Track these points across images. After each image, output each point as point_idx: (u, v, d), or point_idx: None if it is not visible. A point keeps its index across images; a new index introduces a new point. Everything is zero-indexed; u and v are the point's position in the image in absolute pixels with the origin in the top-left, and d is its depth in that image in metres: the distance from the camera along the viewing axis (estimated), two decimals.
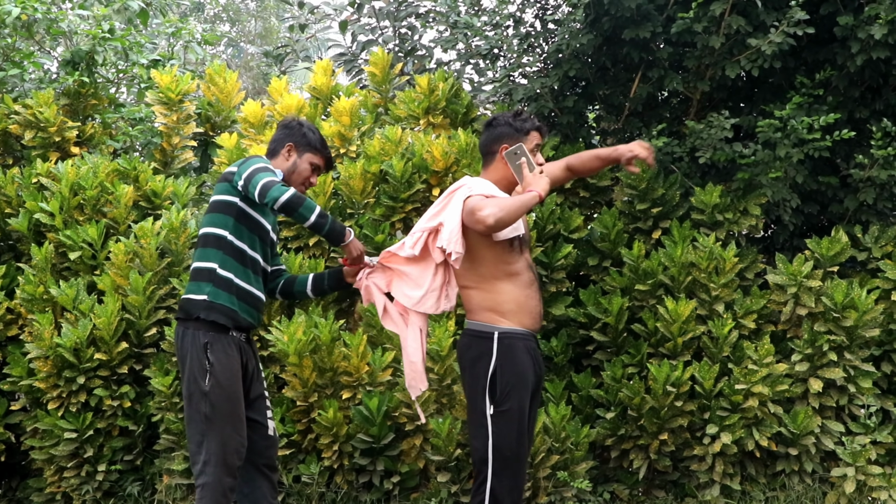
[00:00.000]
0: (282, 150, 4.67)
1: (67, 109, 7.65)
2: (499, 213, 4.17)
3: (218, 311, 4.41)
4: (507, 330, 4.35)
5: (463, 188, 4.40)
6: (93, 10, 8.57)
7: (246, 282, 4.51)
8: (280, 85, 7.47)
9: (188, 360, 4.40)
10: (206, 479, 4.35)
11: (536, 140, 4.54)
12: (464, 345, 4.46)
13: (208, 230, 4.51)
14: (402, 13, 9.09)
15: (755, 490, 6.01)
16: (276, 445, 4.78)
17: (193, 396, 4.39)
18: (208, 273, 4.45)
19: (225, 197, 4.51)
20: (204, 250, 4.50)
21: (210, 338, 4.39)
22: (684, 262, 6.13)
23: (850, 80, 6.32)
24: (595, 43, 6.41)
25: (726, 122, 6.08)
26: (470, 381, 4.40)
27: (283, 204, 4.24)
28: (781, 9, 6.06)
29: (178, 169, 7.49)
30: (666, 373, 5.87)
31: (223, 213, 4.49)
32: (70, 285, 6.21)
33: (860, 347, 6.04)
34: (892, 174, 6.14)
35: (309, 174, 4.69)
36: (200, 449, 4.37)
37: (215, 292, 4.43)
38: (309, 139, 4.69)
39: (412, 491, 6.07)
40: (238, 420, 4.44)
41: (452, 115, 7.05)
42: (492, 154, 4.55)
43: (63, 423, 6.05)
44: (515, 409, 4.31)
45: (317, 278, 4.84)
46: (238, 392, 4.46)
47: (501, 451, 4.27)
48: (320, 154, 4.73)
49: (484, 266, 4.38)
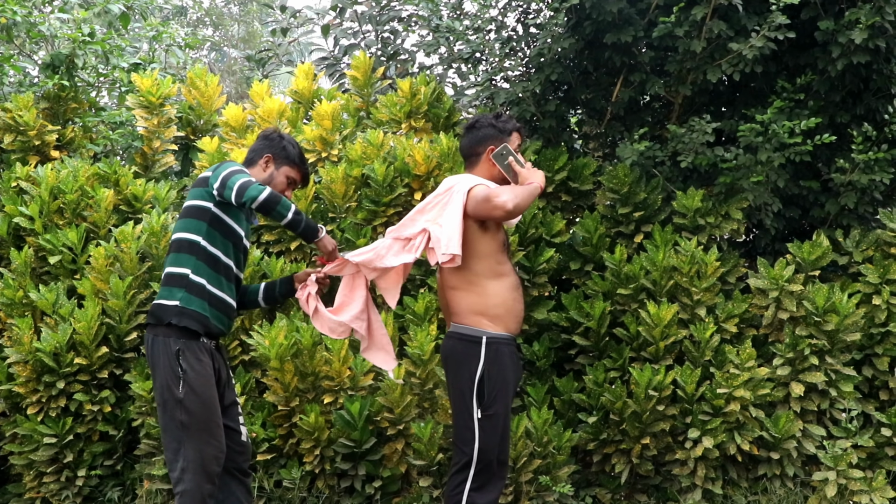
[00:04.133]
0: (259, 161, 4.65)
1: (47, 113, 7.61)
2: (515, 199, 4.26)
3: (190, 316, 4.38)
4: (495, 335, 4.37)
5: (460, 183, 4.41)
6: (73, 13, 8.54)
7: (219, 288, 4.48)
8: (262, 89, 7.45)
9: (160, 368, 4.37)
10: (185, 487, 4.32)
11: (517, 141, 4.60)
12: (449, 347, 4.46)
13: (181, 235, 4.48)
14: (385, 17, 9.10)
15: (737, 494, 6.01)
16: (250, 451, 4.78)
17: (168, 404, 4.35)
18: (181, 278, 4.42)
19: (199, 202, 4.48)
20: (177, 255, 4.46)
21: (181, 344, 4.36)
22: (666, 266, 6.13)
23: (831, 84, 6.34)
24: (577, 47, 6.42)
25: (708, 127, 6.09)
26: (456, 385, 4.41)
27: (262, 202, 4.24)
28: (762, 13, 6.07)
29: (159, 173, 7.46)
30: (648, 377, 5.87)
31: (196, 219, 4.46)
32: (50, 289, 6.18)
33: (841, 351, 6.05)
34: (873, 178, 6.15)
35: (284, 187, 4.68)
36: (178, 457, 4.34)
37: (188, 298, 4.39)
38: (288, 152, 4.68)
39: (394, 495, 6.05)
40: (215, 426, 4.41)
41: (434, 118, 7.05)
42: (476, 156, 4.56)
43: (43, 428, 6.01)
44: (501, 413, 4.35)
45: (268, 286, 4.84)
46: (213, 398, 4.43)
47: (486, 454, 4.31)
48: (298, 169, 4.72)
49: (480, 263, 4.39)
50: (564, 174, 6.54)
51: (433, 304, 6.04)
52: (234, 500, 4.60)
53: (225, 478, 4.56)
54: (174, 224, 6.30)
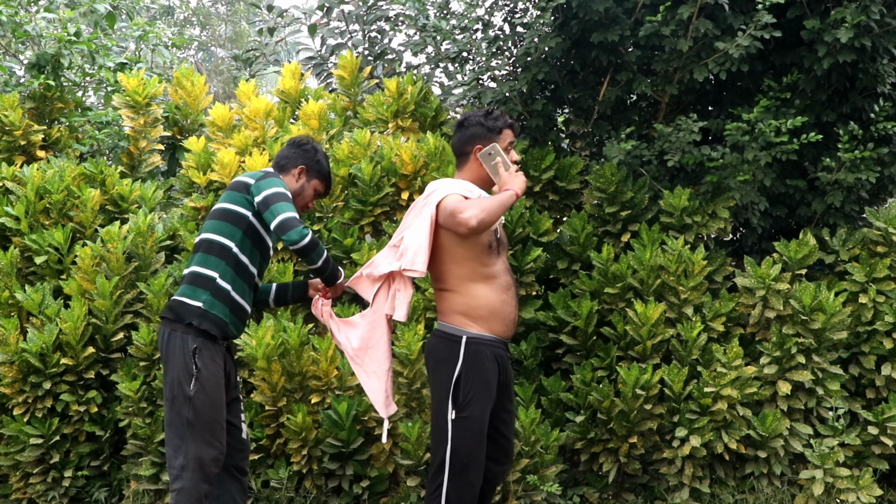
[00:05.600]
0: (293, 170, 4.69)
1: (33, 113, 7.59)
2: (480, 213, 4.16)
3: (211, 321, 4.39)
4: (476, 335, 4.34)
5: (435, 193, 4.38)
6: (59, 13, 8.51)
7: (241, 295, 4.51)
8: (248, 88, 7.44)
9: (174, 363, 4.36)
10: (182, 484, 4.31)
11: (510, 137, 4.55)
12: (431, 345, 4.46)
13: (213, 237, 4.47)
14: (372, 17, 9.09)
15: (724, 493, 6.02)
16: (248, 449, 4.80)
17: (177, 400, 4.34)
18: (208, 281, 4.42)
19: (237, 208, 4.48)
20: (206, 257, 4.46)
21: (199, 343, 4.36)
22: (653, 265, 6.13)
23: (817, 83, 6.35)
24: (564, 46, 6.42)
25: (694, 126, 6.09)
26: (434, 383, 4.41)
27: (301, 248, 4.32)
28: (749, 12, 6.08)
29: (146, 173, 7.45)
30: (635, 376, 5.87)
31: (232, 224, 4.47)
32: (36, 290, 6.16)
33: (828, 350, 6.06)
34: (859, 177, 6.17)
35: (310, 199, 4.76)
36: (178, 453, 4.34)
37: (212, 302, 4.40)
38: (322, 167, 4.76)
39: (381, 495, 6.05)
40: (219, 428, 4.42)
41: (421, 118, 7.04)
42: (465, 155, 4.54)
43: (29, 429, 6.00)
44: (477, 416, 4.31)
45: (280, 288, 4.87)
46: (221, 400, 4.44)
47: (459, 456, 4.28)
48: (326, 184, 4.81)
49: (462, 267, 4.36)
50: (551, 173, 6.53)
51: (420, 304, 6.04)
52: (229, 497, 4.61)
53: (222, 475, 4.57)
54: (168, 223, 6.33)
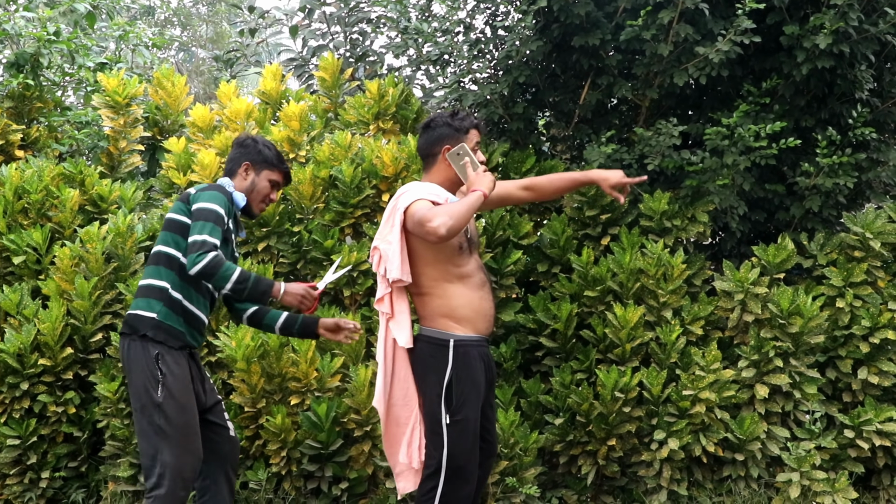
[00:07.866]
0: (239, 170, 4.64)
1: (12, 112, 7.56)
2: (448, 221, 4.11)
3: (166, 331, 4.37)
4: (462, 338, 4.35)
5: (404, 196, 4.37)
6: (38, 12, 8.48)
7: (195, 306, 4.48)
8: (229, 89, 7.43)
9: (137, 372, 4.33)
10: (160, 492, 4.27)
11: (476, 138, 4.54)
12: (418, 350, 4.43)
13: (162, 248, 4.46)
14: (353, 19, 9.10)
15: (702, 495, 6.04)
16: (238, 447, 4.78)
17: (146, 409, 4.30)
18: (160, 292, 4.40)
19: (181, 217, 4.45)
20: (157, 268, 4.44)
21: (160, 349, 4.34)
22: (633, 268, 6.15)
23: (796, 88, 6.38)
24: (545, 50, 6.44)
25: (674, 130, 6.12)
26: (424, 389, 4.39)
27: (197, 273, 4.20)
28: (729, 18, 6.11)
29: (125, 173, 7.43)
30: (614, 379, 5.89)
31: (176, 234, 4.44)
32: (14, 290, 6.13)
33: (805, 354, 6.09)
34: (837, 182, 6.20)
35: (269, 191, 4.68)
36: (155, 462, 4.29)
37: (166, 312, 4.38)
38: (265, 155, 4.66)
39: (360, 497, 6.04)
40: (193, 432, 4.38)
41: (402, 120, 7.05)
42: (433, 156, 4.54)
43: (6, 430, 5.97)
44: (471, 418, 4.33)
45: (288, 320, 4.75)
46: (192, 403, 4.41)
47: (455, 459, 4.28)
48: (278, 169, 4.70)
49: (434, 269, 4.36)
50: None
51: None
52: (220, 498, 4.59)
53: (217, 474, 4.58)
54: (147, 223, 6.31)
